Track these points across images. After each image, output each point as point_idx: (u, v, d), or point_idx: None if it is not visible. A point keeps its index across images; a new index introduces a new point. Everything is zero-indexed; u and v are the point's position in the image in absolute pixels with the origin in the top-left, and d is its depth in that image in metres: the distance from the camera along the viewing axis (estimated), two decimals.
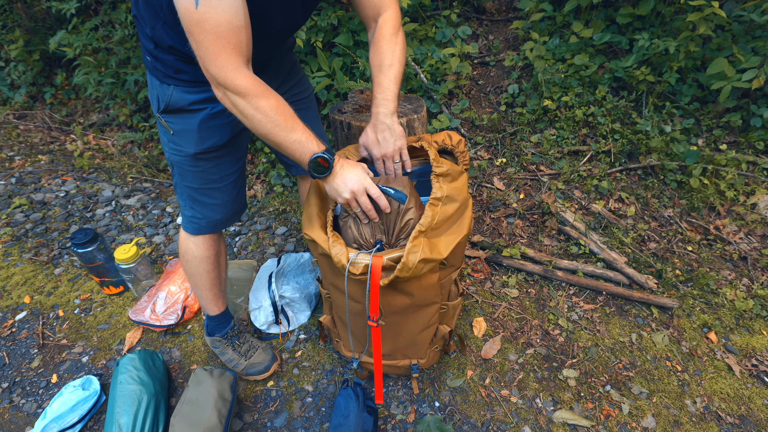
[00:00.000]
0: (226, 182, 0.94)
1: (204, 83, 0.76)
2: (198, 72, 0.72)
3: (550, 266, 1.39)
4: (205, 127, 0.84)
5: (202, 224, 0.97)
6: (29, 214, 1.82)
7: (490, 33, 2.03)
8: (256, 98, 0.68)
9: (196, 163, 0.88)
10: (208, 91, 0.80)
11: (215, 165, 0.90)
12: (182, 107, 0.82)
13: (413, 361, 1.00)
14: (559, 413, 1.03)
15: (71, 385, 1.09)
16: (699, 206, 1.50)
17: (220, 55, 0.65)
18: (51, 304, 1.42)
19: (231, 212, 0.99)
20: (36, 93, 2.58)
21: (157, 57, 0.78)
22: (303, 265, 1.37)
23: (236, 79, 0.67)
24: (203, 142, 0.85)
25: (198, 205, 0.95)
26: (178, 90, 0.80)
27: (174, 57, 0.77)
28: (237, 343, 1.13)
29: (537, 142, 1.75)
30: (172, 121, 0.84)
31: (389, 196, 0.80)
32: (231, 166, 0.93)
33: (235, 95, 0.68)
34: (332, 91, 1.82)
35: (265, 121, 0.70)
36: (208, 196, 0.94)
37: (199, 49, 0.66)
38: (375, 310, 0.81)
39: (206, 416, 0.95)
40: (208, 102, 0.82)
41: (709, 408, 1.04)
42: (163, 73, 0.80)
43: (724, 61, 1.48)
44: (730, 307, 1.27)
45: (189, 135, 0.84)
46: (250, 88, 0.68)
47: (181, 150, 0.87)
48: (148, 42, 0.78)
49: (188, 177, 0.91)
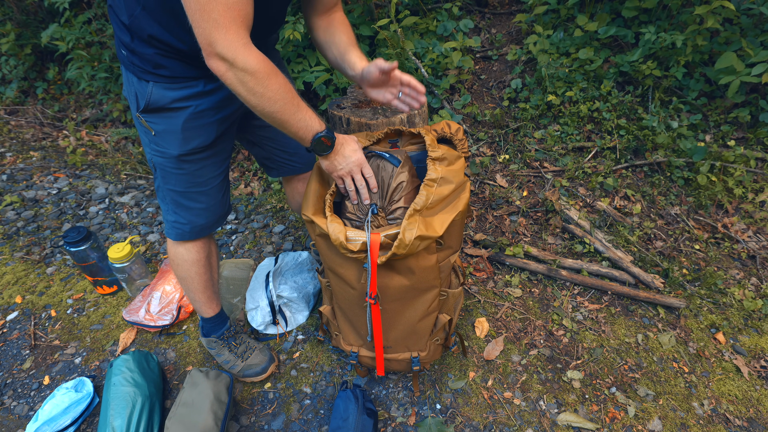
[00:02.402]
0: (212, 185, 0.90)
1: (186, 79, 0.72)
2: (179, 67, 0.69)
3: (554, 265, 1.37)
4: (190, 127, 0.80)
5: (186, 230, 0.94)
6: (21, 212, 1.80)
7: (493, 26, 2.00)
8: (266, 77, 0.66)
9: (180, 166, 0.84)
10: (191, 87, 0.76)
11: (201, 167, 0.86)
12: (163, 105, 0.77)
13: (414, 354, 0.99)
14: (563, 416, 1.02)
15: (64, 387, 1.08)
16: (706, 204, 1.49)
17: (230, 28, 0.62)
18: (43, 304, 1.40)
19: (216, 216, 0.96)
20: (28, 88, 2.55)
21: (134, 51, 0.74)
22: (301, 264, 1.34)
23: (247, 56, 0.64)
24: (187, 143, 0.81)
25: (182, 209, 0.91)
26: (158, 87, 0.76)
27: (154, 50, 0.73)
28: (233, 344, 1.11)
29: (541, 138, 1.73)
30: (154, 121, 0.80)
31: (384, 158, 0.85)
32: (217, 167, 0.90)
33: (244, 72, 0.65)
34: (331, 86, 1.79)
35: (273, 100, 0.68)
36: (193, 200, 0.90)
37: (206, 20, 0.61)
38: (374, 287, 0.82)
39: (202, 419, 0.94)
40: (191, 99, 0.78)
41: (716, 410, 1.02)
42: (140, 69, 0.75)
43: (732, 55, 1.46)
44: (739, 307, 1.25)
45: (172, 136, 0.80)
46: (261, 65, 0.65)
47: (163, 152, 0.83)
48: (123, 34, 0.73)
49: (171, 180, 0.87)
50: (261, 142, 1.03)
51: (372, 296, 0.84)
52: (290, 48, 1.79)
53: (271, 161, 1.07)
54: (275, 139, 1.02)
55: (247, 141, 1.05)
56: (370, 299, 0.84)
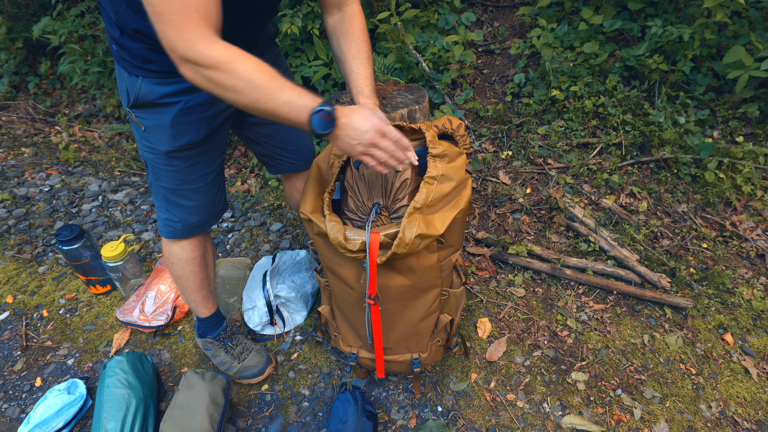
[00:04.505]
0: (204, 182, 0.88)
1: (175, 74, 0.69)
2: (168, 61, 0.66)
3: (558, 264, 1.35)
4: (179, 123, 0.78)
5: (178, 227, 0.92)
6: (12, 210, 1.78)
7: (495, 19, 1.97)
8: (231, 64, 0.60)
9: (170, 162, 0.82)
10: (181, 82, 0.74)
11: (192, 164, 0.84)
12: (153, 101, 0.76)
13: (414, 355, 0.98)
14: (567, 418, 1.00)
15: (56, 389, 1.06)
16: (714, 201, 1.47)
17: (187, 27, 0.58)
18: (35, 304, 1.38)
19: (209, 214, 0.94)
20: (19, 82, 2.51)
21: (124, 45, 0.72)
22: (299, 263, 1.32)
23: (207, 50, 0.59)
24: (177, 140, 0.80)
25: (173, 206, 0.89)
26: (147, 82, 0.74)
27: (142, 44, 0.71)
28: (230, 345, 1.09)
29: (544, 134, 1.70)
30: (143, 116, 0.78)
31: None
32: (208, 165, 0.87)
33: (208, 68, 0.60)
34: (330, 80, 1.76)
35: (248, 88, 0.61)
36: (185, 198, 0.88)
37: (162, 22, 0.58)
38: (373, 288, 0.80)
39: (197, 421, 0.92)
40: (181, 94, 0.76)
41: (725, 413, 1.01)
42: (130, 64, 0.74)
43: (741, 49, 1.43)
44: (747, 307, 1.23)
45: (161, 131, 0.79)
46: (223, 55, 0.60)
47: (154, 148, 0.81)
48: (113, 29, 0.72)
49: (163, 177, 0.85)
50: (258, 139, 1.01)
51: (371, 297, 0.82)
52: (288, 42, 1.75)
53: (269, 158, 1.06)
54: (273, 136, 1.00)
55: (245, 138, 1.03)
56: (370, 300, 0.83)
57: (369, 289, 0.81)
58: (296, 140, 1.02)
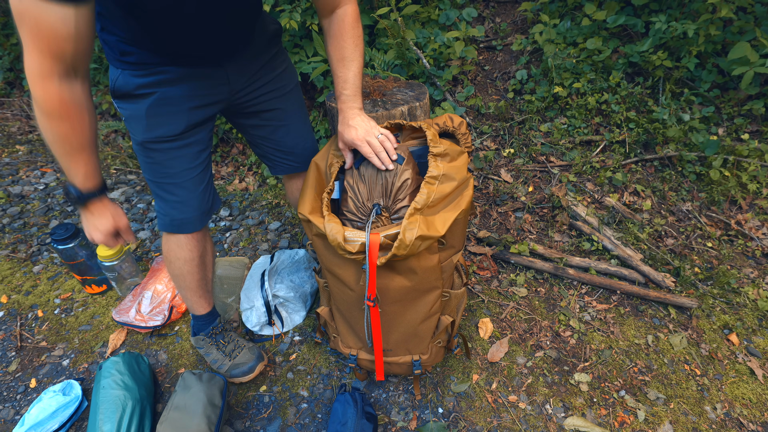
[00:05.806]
0: (186, 177, 0.87)
1: (152, 65, 0.73)
2: (143, 54, 0.69)
3: (561, 263, 1.33)
4: (154, 114, 0.79)
5: (167, 221, 0.91)
6: (6, 208, 1.77)
7: (497, 15, 1.94)
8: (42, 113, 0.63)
9: (147, 153, 0.84)
10: (159, 74, 0.76)
11: (171, 157, 0.84)
12: (128, 92, 0.78)
13: (415, 357, 0.97)
14: (570, 420, 0.99)
15: (51, 390, 1.05)
16: (719, 200, 1.46)
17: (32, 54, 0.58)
18: (29, 303, 1.36)
19: (197, 212, 0.92)
20: (13, 79, 2.49)
21: (104, 40, 0.75)
22: (298, 262, 1.30)
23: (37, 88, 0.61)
24: (152, 131, 0.81)
25: (159, 199, 0.90)
26: (125, 74, 0.77)
27: (116, 37, 0.73)
28: (222, 342, 1.08)
29: (547, 131, 1.68)
30: (123, 106, 0.81)
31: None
32: (191, 159, 0.86)
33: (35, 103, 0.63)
34: (329, 77, 1.73)
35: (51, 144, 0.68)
36: (168, 192, 0.88)
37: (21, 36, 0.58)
38: (373, 290, 0.79)
39: (195, 423, 0.91)
40: (156, 86, 0.77)
41: (730, 414, 0.99)
42: (110, 56, 0.76)
43: (746, 45, 1.41)
44: (753, 307, 1.22)
45: (138, 121, 0.80)
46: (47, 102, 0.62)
47: (133, 137, 0.84)
48: (96, 24, 0.74)
49: (144, 168, 0.87)
50: (255, 141, 1.02)
51: (371, 299, 0.80)
52: (287, 38, 1.72)
53: (268, 159, 1.06)
54: (269, 138, 1.00)
55: (246, 139, 1.05)
56: (369, 302, 0.81)
57: (368, 291, 0.79)
58: (293, 142, 1.02)
